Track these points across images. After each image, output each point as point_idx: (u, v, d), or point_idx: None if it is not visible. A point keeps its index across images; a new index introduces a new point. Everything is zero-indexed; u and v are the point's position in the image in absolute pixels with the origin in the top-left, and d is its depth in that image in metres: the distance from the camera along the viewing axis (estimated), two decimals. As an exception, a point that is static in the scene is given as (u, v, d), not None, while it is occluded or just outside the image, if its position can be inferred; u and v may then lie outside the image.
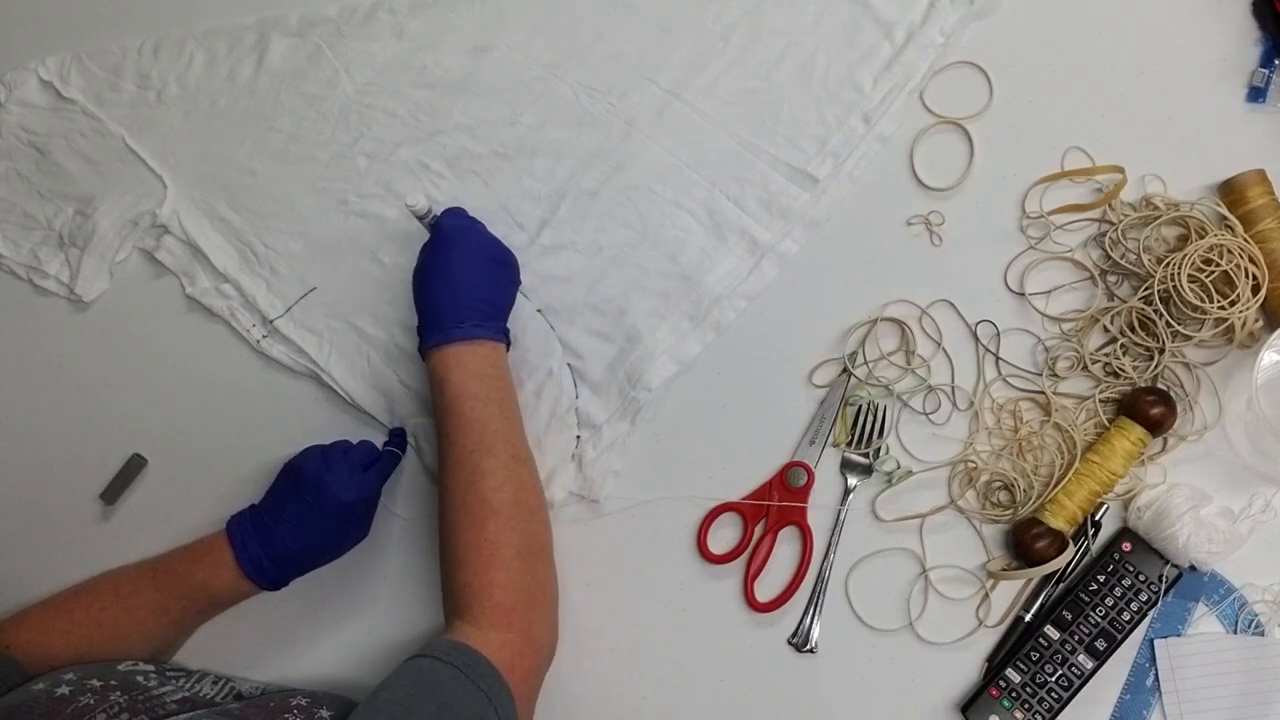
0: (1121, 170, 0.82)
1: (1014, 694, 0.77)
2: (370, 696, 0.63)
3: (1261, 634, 0.77)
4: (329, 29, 0.94)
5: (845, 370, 0.84)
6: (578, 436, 0.85)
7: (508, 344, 0.82)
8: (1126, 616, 0.77)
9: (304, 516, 0.78)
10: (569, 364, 0.86)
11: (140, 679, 0.73)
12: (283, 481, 0.80)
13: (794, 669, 0.81)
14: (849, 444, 0.83)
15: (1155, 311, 0.78)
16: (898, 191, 0.86)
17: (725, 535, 0.84)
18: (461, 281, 0.79)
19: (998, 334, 0.83)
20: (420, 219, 0.83)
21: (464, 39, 0.92)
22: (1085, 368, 0.81)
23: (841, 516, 0.82)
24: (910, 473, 0.82)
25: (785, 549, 0.83)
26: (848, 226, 0.86)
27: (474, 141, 0.91)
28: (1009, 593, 0.80)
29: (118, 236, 0.92)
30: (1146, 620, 0.78)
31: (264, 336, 0.90)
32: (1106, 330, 0.81)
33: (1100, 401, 0.80)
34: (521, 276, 0.88)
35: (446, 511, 0.75)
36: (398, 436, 0.86)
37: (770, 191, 0.86)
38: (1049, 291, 0.83)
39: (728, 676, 0.82)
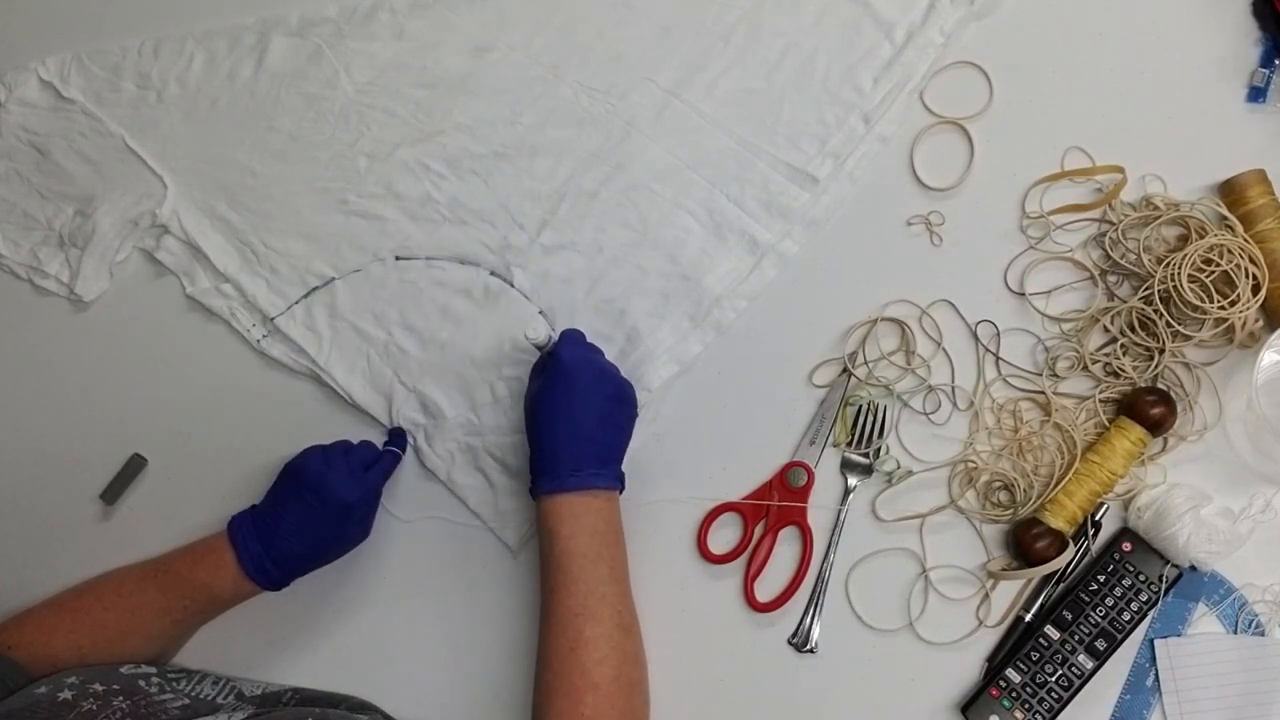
0: (1121, 170, 0.82)
1: (1014, 694, 0.77)
2: None
3: (1261, 634, 0.77)
4: (329, 29, 0.94)
5: (845, 370, 0.84)
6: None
7: (622, 487, 0.79)
8: (1126, 616, 0.77)
9: (305, 517, 0.78)
10: (569, 364, 0.86)
11: (142, 683, 0.73)
12: (283, 482, 0.80)
13: (794, 669, 0.81)
14: (849, 444, 0.83)
15: (1155, 311, 0.78)
16: (898, 191, 0.86)
17: (725, 535, 0.84)
18: (580, 424, 0.76)
19: (998, 334, 0.83)
20: (539, 348, 0.80)
21: (464, 39, 0.92)
22: (1085, 368, 0.81)
23: (841, 516, 0.82)
24: (910, 473, 0.82)
25: (785, 549, 0.83)
26: (848, 226, 0.86)
27: (474, 141, 0.91)
28: (1009, 593, 0.80)
29: (118, 236, 0.92)
30: (1146, 620, 0.78)
31: (264, 336, 0.90)
32: (1106, 330, 0.81)
33: (1100, 401, 0.80)
34: (522, 277, 0.88)
35: (543, 675, 0.72)
36: (398, 436, 0.86)
37: (770, 191, 0.86)
38: (1049, 291, 0.83)
39: (728, 676, 0.82)
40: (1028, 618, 0.79)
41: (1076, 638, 0.77)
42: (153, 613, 0.79)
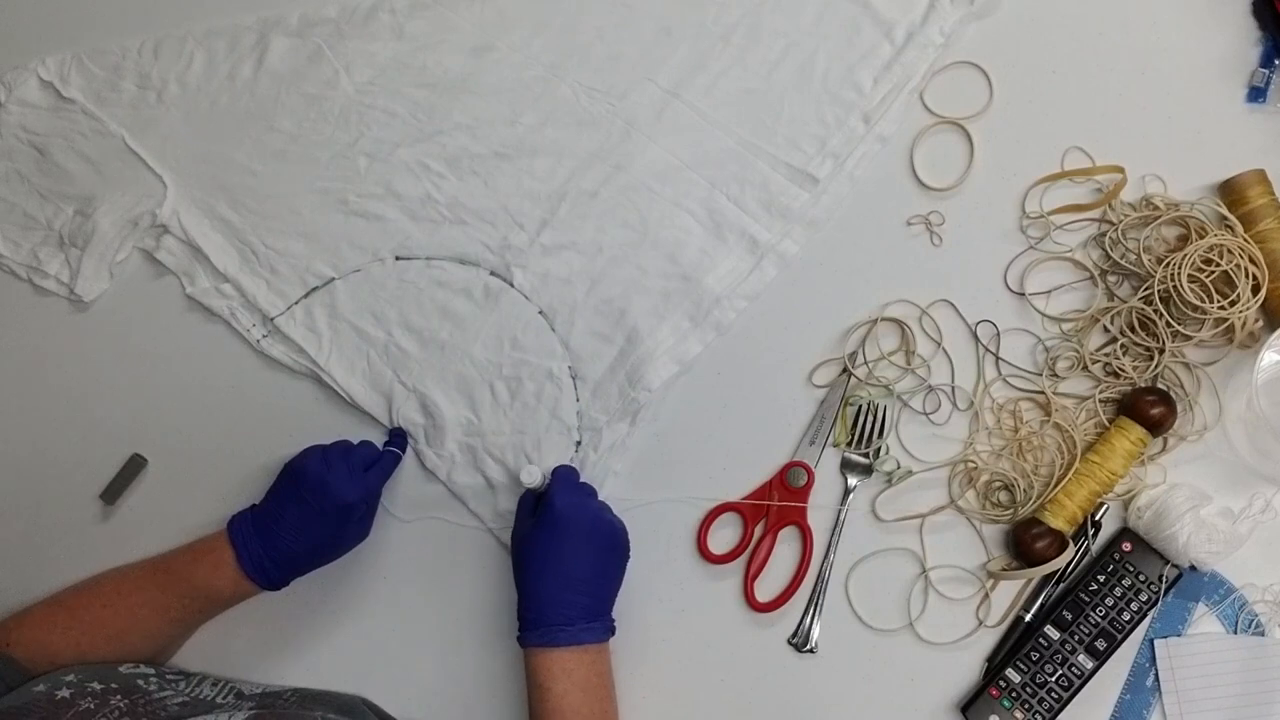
0: (1121, 170, 0.82)
1: (1014, 694, 0.77)
2: None
3: (1261, 634, 0.77)
4: (329, 29, 0.94)
5: (845, 370, 0.84)
6: (578, 442, 0.85)
7: (613, 632, 0.78)
8: (1126, 616, 0.77)
9: (305, 517, 0.78)
10: (569, 365, 0.86)
11: (140, 682, 0.73)
12: (283, 481, 0.80)
13: (794, 669, 0.81)
14: (849, 444, 0.83)
15: (1155, 311, 0.78)
16: (898, 191, 0.86)
17: (725, 535, 0.84)
18: (571, 577, 0.75)
19: (998, 334, 0.83)
20: (533, 490, 0.80)
21: (464, 39, 0.92)
22: (1085, 368, 0.81)
23: (841, 516, 0.82)
24: (910, 473, 0.82)
25: (785, 549, 0.83)
26: (848, 226, 0.86)
27: (474, 141, 0.91)
28: (1009, 593, 0.80)
29: (118, 236, 0.92)
30: (1146, 620, 0.78)
31: (264, 336, 0.90)
32: (1106, 330, 0.81)
33: (1100, 401, 0.80)
34: (522, 277, 0.88)
35: None
36: (398, 437, 0.86)
37: (770, 191, 0.86)
38: (1049, 291, 0.83)
39: (728, 676, 0.82)
40: (1028, 618, 0.79)
41: (1076, 638, 0.77)
42: (152, 611, 0.79)
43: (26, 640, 0.76)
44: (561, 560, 0.75)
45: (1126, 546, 0.78)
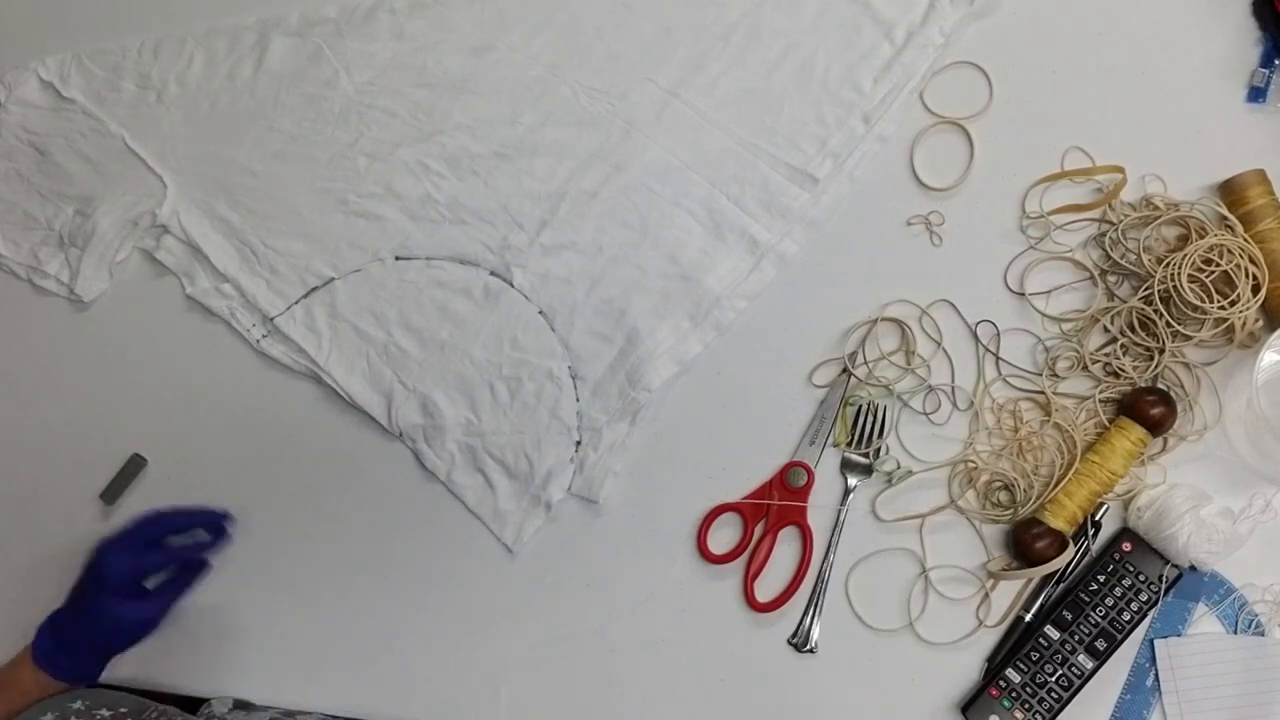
0: (1121, 170, 0.82)
1: (1014, 694, 0.77)
2: None
3: (1261, 634, 0.77)
4: (329, 29, 0.94)
5: (845, 370, 0.84)
6: (578, 442, 0.85)
7: None
8: (1126, 616, 0.77)
9: (81, 590, 0.74)
10: (569, 365, 0.86)
11: (153, 714, 0.73)
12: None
13: (794, 669, 0.81)
14: (849, 444, 0.83)
15: (1155, 311, 0.78)
16: (898, 191, 0.86)
17: (725, 535, 0.84)
18: None
19: (998, 334, 0.83)
20: None
21: (464, 39, 0.92)
22: (1085, 368, 0.81)
23: (841, 516, 0.82)
24: (910, 473, 0.82)
25: (785, 549, 0.83)
26: (848, 226, 0.86)
27: (474, 141, 0.91)
28: (1009, 593, 0.80)
29: (118, 236, 0.92)
30: (1146, 620, 0.78)
31: (264, 336, 0.90)
32: (1106, 330, 0.81)
33: (1100, 401, 0.80)
34: (522, 277, 0.88)
35: None
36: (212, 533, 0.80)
37: (770, 191, 0.86)
38: (1049, 291, 0.83)
39: (728, 676, 0.82)
40: (1028, 618, 0.79)
41: (1076, 638, 0.77)
42: None
43: None
44: None
45: (1126, 546, 0.78)
